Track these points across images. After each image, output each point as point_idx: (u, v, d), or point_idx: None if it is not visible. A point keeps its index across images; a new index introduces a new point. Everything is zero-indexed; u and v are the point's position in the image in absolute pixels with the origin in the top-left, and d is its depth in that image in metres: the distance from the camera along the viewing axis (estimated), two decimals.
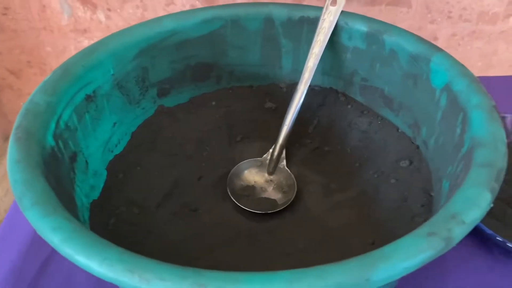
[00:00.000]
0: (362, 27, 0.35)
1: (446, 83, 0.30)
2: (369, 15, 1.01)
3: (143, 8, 0.87)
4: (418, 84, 0.33)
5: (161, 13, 0.87)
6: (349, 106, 0.38)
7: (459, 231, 0.20)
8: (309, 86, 0.39)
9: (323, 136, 0.39)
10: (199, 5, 0.90)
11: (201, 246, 0.31)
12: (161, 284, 0.18)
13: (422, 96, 0.32)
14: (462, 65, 0.31)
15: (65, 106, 0.29)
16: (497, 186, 0.22)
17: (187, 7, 0.88)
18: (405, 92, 0.34)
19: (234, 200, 0.34)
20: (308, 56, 0.36)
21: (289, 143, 0.38)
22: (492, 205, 0.22)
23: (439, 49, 0.32)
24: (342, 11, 0.36)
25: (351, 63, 0.37)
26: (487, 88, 0.50)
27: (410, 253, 0.19)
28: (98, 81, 0.32)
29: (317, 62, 0.36)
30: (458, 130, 0.28)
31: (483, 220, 0.33)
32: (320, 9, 0.37)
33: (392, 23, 1.01)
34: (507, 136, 0.39)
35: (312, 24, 0.37)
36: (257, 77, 0.40)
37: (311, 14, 0.37)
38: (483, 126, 0.26)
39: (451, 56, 0.32)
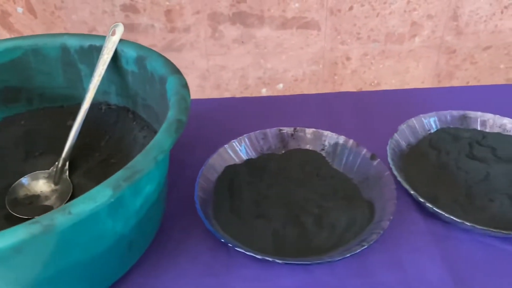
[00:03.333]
0: (133, 53, 0.41)
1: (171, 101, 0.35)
2: (281, 38, 1.08)
3: None
4: (166, 101, 0.38)
5: None
6: (134, 123, 0.43)
7: (62, 220, 0.25)
8: (108, 105, 0.45)
9: (112, 150, 0.44)
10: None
11: None
12: None
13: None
14: (183, 87, 0.36)
15: None
16: (125, 184, 0.27)
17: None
18: (164, 109, 0.39)
19: (7, 207, 0.39)
20: (92, 79, 0.41)
21: (80, 156, 0.43)
22: (113, 199, 0.27)
23: (175, 72, 0.37)
24: (121, 40, 0.42)
25: (133, 84, 0.42)
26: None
27: (8, 237, 0.24)
28: None
29: (97, 83, 0.41)
30: None
31: (224, 223, 0.38)
32: (105, 38, 0.42)
33: (304, 46, 1.07)
34: (284, 146, 0.44)
35: (99, 51, 0.42)
36: (66, 98, 0.45)
37: (98, 42, 0.42)
38: (157, 136, 0.31)
39: (180, 78, 0.37)
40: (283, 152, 0.45)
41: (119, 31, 0.42)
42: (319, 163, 0.43)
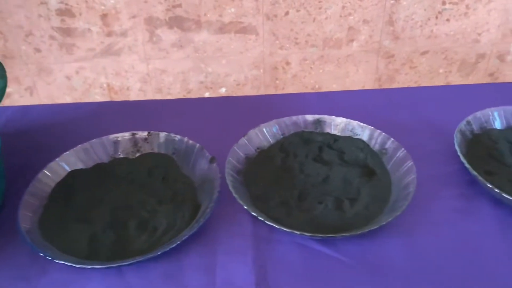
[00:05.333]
0: None
1: None
2: (220, 42, 1.08)
3: (4, 40, 0.94)
4: None
5: (22, 43, 0.94)
6: None
7: None
8: None
9: None
10: (57, 36, 0.97)
11: None
12: None
13: None
14: None
15: None
16: None
17: (46, 38, 0.96)
18: None
19: None
20: None
21: None
22: None
23: None
24: None
25: None
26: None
27: None
28: None
29: None
30: None
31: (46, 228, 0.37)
32: None
33: (244, 50, 1.06)
34: (138, 150, 0.44)
35: None
36: None
37: None
38: None
39: None
40: (136, 156, 0.44)
41: None
42: (168, 167, 0.43)
